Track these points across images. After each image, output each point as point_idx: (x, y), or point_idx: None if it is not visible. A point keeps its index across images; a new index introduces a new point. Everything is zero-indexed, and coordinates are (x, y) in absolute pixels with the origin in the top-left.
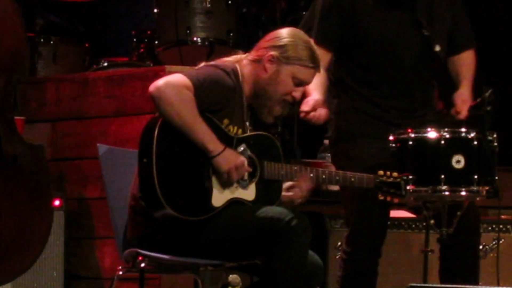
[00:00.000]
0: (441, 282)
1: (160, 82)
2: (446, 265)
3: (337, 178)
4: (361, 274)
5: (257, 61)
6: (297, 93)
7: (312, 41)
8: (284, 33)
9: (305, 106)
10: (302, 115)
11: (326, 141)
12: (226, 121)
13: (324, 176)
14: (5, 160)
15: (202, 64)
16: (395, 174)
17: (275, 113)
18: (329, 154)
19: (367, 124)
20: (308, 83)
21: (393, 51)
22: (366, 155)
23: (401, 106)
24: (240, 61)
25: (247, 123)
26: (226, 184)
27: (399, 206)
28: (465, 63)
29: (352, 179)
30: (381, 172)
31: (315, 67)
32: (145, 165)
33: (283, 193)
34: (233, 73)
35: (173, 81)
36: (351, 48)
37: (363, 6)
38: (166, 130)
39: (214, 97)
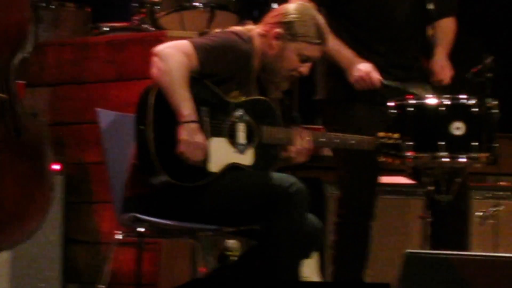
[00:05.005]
0: (432, 248)
1: (165, 44)
2: (438, 230)
3: (337, 140)
4: (355, 236)
5: (264, 36)
6: (304, 69)
7: (319, 16)
8: (291, 9)
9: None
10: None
11: None
12: (236, 93)
13: (323, 139)
14: (10, 133)
15: (218, 30)
16: (396, 135)
17: (282, 88)
18: None
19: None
20: (315, 59)
21: (385, 6)
22: (361, 119)
23: (397, 62)
24: (252, 31)
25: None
26: (223, 149)
27: (399, 172)
28: (443, 30)
29: (352, 141)
30: (381, 134)
31: (322, 42)
32: (141, 132)
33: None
34: (249, 40)
35: (175, 44)
36: (343, 4)
37: None
38: (162, 97)
39: (225, 63)
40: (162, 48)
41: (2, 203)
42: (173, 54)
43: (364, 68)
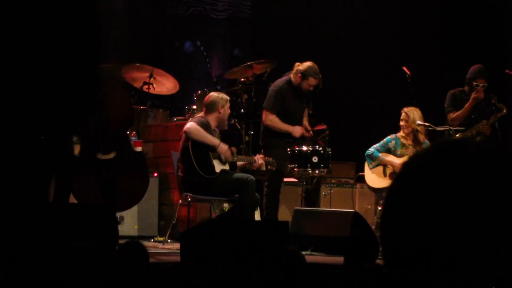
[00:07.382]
0: (305, 207)
1: (188, 125)
2: (306, 200)
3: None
4: (272, 200)
5: (216, 112)
6: (228, 111)
7: (217, 93)
8: (216, 96)
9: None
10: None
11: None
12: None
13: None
14: (126, 158)
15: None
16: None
17: (225, 127)
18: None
19: (278, 141)
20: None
21: (294, 112)
22: (278, 153)
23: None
24: (207, 115)
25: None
26: (219, 164)
27: (292, 176)
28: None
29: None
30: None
31: (228, 101)
32: (189, 156)
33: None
34: (206, 119)
35: (192, 124)
36: (280, 109)
37: (288, 94)
38: (194, 142)
39: (204, 127)
40: (189, 126)
41: (128, 186)
42: (196, 126)
43: (297, 130)
